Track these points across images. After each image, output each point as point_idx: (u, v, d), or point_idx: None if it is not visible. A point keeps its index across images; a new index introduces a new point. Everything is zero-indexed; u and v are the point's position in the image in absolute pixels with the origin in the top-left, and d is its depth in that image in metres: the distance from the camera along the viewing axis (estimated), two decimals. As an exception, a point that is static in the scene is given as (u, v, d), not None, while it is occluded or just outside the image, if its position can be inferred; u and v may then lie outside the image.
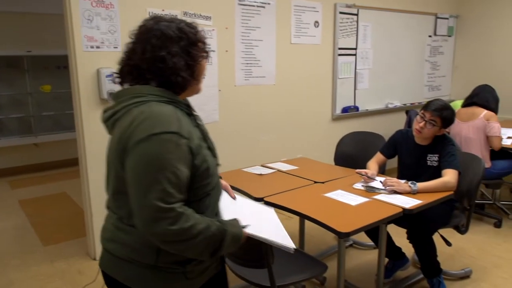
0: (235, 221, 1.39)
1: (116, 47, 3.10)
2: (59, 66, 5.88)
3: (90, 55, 3.02)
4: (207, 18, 3.54)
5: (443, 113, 2.61)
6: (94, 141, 3.14)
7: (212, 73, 3.64)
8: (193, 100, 1.43)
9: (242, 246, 1.39)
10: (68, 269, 3.17)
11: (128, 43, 1.36)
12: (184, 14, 3.40)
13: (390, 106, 5.20)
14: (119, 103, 1.31)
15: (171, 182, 1.20)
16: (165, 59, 1.28)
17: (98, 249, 3.30)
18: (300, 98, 4.35)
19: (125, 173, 1.25)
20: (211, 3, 3.56)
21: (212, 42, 3.60)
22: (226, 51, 3.72)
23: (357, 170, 2.67)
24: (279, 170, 2.98)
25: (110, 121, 1.34)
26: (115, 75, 1.39)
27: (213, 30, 3.59)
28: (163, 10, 3.29)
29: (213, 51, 3.62)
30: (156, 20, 1.33)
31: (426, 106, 2.68)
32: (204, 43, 1.39)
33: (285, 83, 4.19)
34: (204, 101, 3.60)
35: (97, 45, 3.04)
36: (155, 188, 1.18)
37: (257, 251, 1.85)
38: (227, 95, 3.78)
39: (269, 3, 3.92)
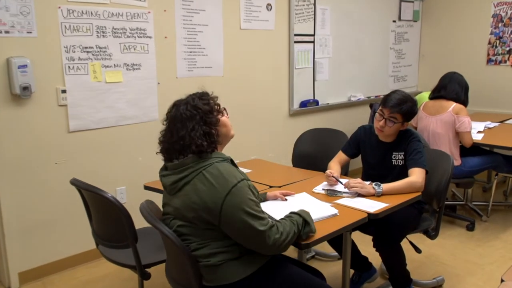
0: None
1: (30, 32, 2.93)
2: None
3: (-2, 42, 2.86)
4: (142, -1, 3.45)
5: (402, 108, 2.66)
6: (6, 146, 2.97)
7: (149, 64, 3.55)
8: (128, 95, 1.39)
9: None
10: (-23, 301, 2.99)
11: (164, 127, 1.96)
12: (113, -6, 3.29)
13: (353, 99, 5.30)
14: (182, 171, 1.86)
15: None
16: (184, 137, 1.85)
17: (13, 276, 3.14)
18: (252, 91, 4.34)
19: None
20: (146, -18, 3.47)
21: (148, 27, 3.51)
22: (166, 37, 3.63)
23: (326, 173, 2.68)
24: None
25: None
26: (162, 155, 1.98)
27: (149, 12, 3.50)
28: (87, -11, 3.17)
29: (150, 37, 3.53)
30: (176, 106, 1.92)
31: (384, 102, 2.72)
32: (217, 105, 1.97)
33: (234, 74, 4.16)
34: (141, 97, 3.49)
35: (6, 30, 2.86)
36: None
37: (121, 231, 2.19)
38: (167, 88, 3.70)
39: (214, -17, 3.88)
